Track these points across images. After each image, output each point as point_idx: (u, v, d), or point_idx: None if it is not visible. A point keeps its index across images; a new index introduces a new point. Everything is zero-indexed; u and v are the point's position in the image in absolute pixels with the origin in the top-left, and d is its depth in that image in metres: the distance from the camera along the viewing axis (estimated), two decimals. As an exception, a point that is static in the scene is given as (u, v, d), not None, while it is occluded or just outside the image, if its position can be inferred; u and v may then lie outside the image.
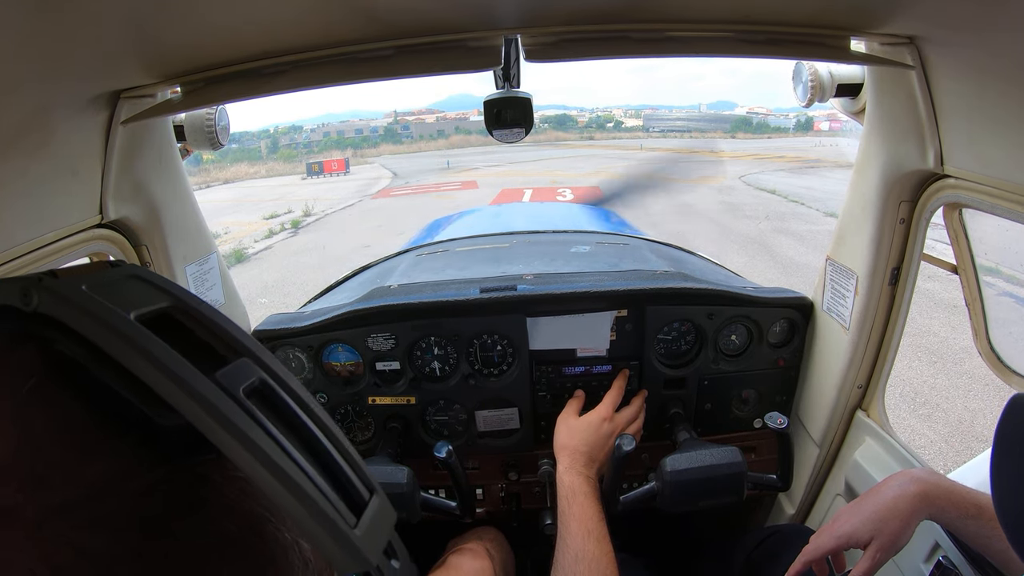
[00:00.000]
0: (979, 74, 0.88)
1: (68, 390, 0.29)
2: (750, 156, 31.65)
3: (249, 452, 0.27)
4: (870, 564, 0.93)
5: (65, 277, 0.30)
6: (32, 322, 0.29)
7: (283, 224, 15.08)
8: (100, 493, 0.27)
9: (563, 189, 18.35)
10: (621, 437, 1.23)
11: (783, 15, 0.88)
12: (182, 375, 0.27)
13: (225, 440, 0.27)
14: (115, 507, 0.27)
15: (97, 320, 0.28)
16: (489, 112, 1.07)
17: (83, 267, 0.33)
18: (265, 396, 0.31)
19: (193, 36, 0.79)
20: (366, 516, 0.30)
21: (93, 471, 0.27)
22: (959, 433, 4.25)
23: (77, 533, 0.26)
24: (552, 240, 2.14)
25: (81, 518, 0.26)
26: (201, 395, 0.27)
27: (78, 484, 0.27)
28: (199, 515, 0.29)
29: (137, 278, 0.33)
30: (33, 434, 0.27)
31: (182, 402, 0.27)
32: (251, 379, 0.30)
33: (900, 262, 1.22)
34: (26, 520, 0.25)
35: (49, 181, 0.90)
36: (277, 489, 0.27)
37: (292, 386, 0.33)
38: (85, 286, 0.30)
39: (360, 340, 1.42)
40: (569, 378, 1.47)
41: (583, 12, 0.85)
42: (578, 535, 1.08)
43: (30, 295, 0.29)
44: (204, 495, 0.30)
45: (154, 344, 0.28)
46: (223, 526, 0.29)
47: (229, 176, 33.40)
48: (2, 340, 0.29)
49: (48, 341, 0.29)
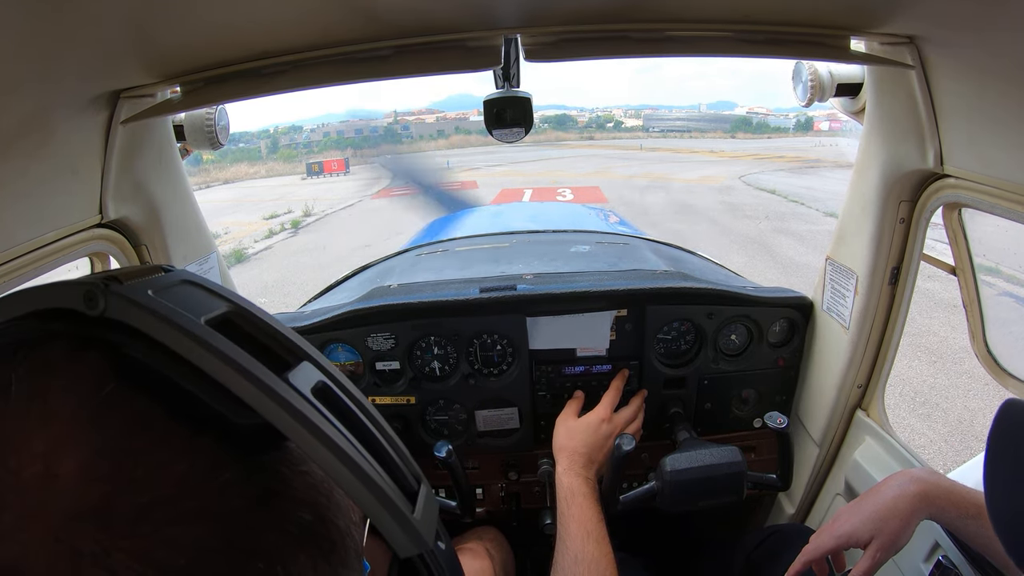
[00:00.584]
0: (979, 74, 0.88)
1: (143, 393, 0.29)
2: (750, 156, 31.66)
3: (325, 446, 0.29)
4: (870, 564, 0.93)
5: (127, 282, 0.31)
6: (96, 326, 0.30)
7: (283, 224, 15.08)
8: (187, 489, 0.28)
9: (563, 189, 18.36)
10: (621, 437, 1.23)
11: (783, 15, 0.87)
12: (260, 376, 0.29)
13: (302, 436, 0.29)
14: (202, 502, 0.28)
15: (172, 325, 0.29)
16: (489, 112, 1.07)
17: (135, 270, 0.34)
18: (328, 396, 0.32)
19: (193, 36, 0.79)
20: (419, 502, 0.33)
21: (178, 469, 0.28)
22: (959, 433, 4.25)
23: (170, 527, 0.27)
24: (552, 240, 2.14)
25: (171, 514, 0.27)
26: (278, 395, 0.29)
27: (164, 482, 0.28)
28: (276, 506, 0.31)
29: (191, 283, 0.34)
30: (113, 437, 0.28)
31: (261, 402, 0.29)
32: (315, 380, 0.32)
33: (900, 262, 1.23)
34: (120, 520, 0.26)
35: (49, 181, 0.90)
36: (348, 478, 0.30)
37: (347, 386, 0.35)
38: (151, 291, 0.31)
39: (360, 340, 1.42)
40: (569, 378, 1.47)
41: (583, 12, 0.85)
42: (577, 536, 1.08)
43: (96, 299, 0.29)
44: (278, 488, 0.31)
45: (229, 348, 0.29)
46: (298, 515, 0.31)
47: (229, 176, 33.39)
48: (67, 344, 0.30)
49: (116, 345, 0.30)
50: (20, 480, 0.26)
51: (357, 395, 0.35)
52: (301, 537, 0.31)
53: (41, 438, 0.27)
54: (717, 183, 20.30)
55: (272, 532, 0.30)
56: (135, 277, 0.32)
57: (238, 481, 0.30)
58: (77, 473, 0.26)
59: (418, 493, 0.34)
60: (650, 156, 33.35)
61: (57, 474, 0.26)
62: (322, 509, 0.32)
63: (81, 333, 0.30)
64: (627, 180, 21.84)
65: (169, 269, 0.35)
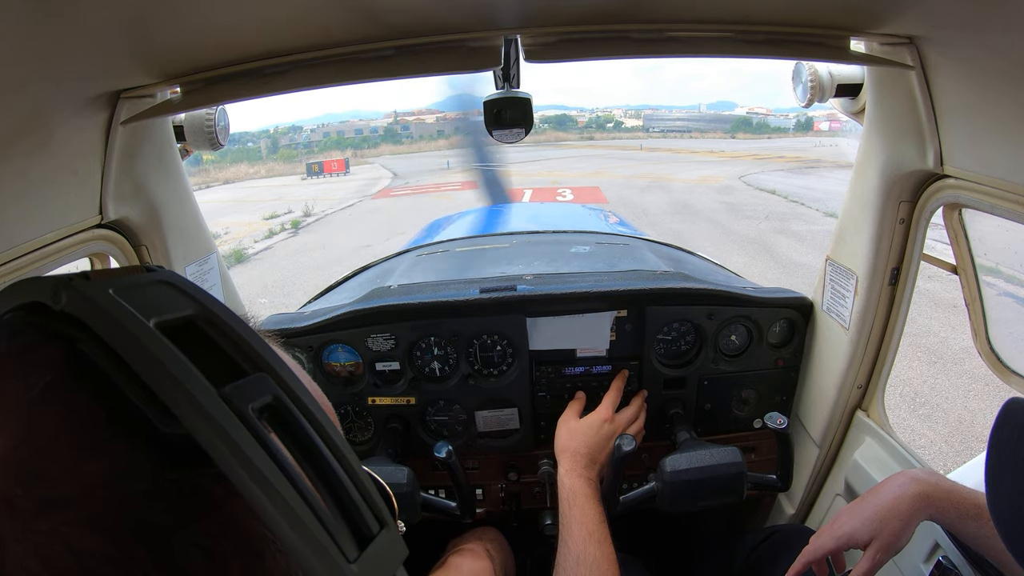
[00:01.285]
0: (979, 74, 0.88)
1: (83, 390, 0.29)
2: (750, 156, 31.65)
3: (244, 470, 0.26)
4: (870, 564, 0.93)
5: (95, 279, 0.31)
6: (59, 321, 0.30)
7: (283, 224, 15.08)
8: (97, 492, 0.27)
9: (563, 189, 18.36)
10: (621, 437, 1.23)
11: (783, 15, 0.88)
12: (187, 385, 0.27)
13: (223, 455, 0.26)
14: (110, 508, 0.27)
15: (115, 324, 0.29)
16: (489, 112, 1.07)
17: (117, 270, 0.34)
18: (279, 415, 0.30)
19: (193, 36, 0.79)
20: (370, 550, 0.29)
21: (92, 470, 0.27)
22: (959, 433, 4.25)
23: (70, 529, 0.26)
24: (552, 240, 2.14)
25: (76, 515, 0.26)
26: (203, 408, 0.27)
27: (76, 481, 0.27)
28: (196, 527, 0.29)
29: (168, 284, 0.33)
30: (39, 429, 0.28)
31: (185, 413, 0.27)
32: (264, 396, 0.30)
33: (900, 262, 1.22)
34: (22, 512, 0.26)
35: (49, 181, 0.90)
36: (270, 512, 0.26)
37: (309, 407, 0.32)
38: (112, 289, 0.30)
39: (360, 340, 1.42)
40: (569, 378, 1.47)
41: (583, 12, 0.85)
42: (579, 538, 1.08)
43: (59, 294, 0.30)
44: (204, 508, 0.29)
45: (166, 351, 0.28)
46: (219, 543, 0.29)
47: (229, 176, 33.38)
48: (30, 335, 0.30)
49: (73, 340, 0.30)
50: None
51: (320, 419, 0.32)
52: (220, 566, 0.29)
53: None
54: (717, 183, 20.29)
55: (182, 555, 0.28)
56: (110, 276, 0.32)
57: (154, 492, 0.28)
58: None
59: (373, 539, 0.30)
60: (650, 156, 33.34)
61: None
62: (259, 540, 0.30)
63: (47, 326, 0.30)
64: (627, 180, 21.84)
65: (153, 269, 0.34)
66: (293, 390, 0.31)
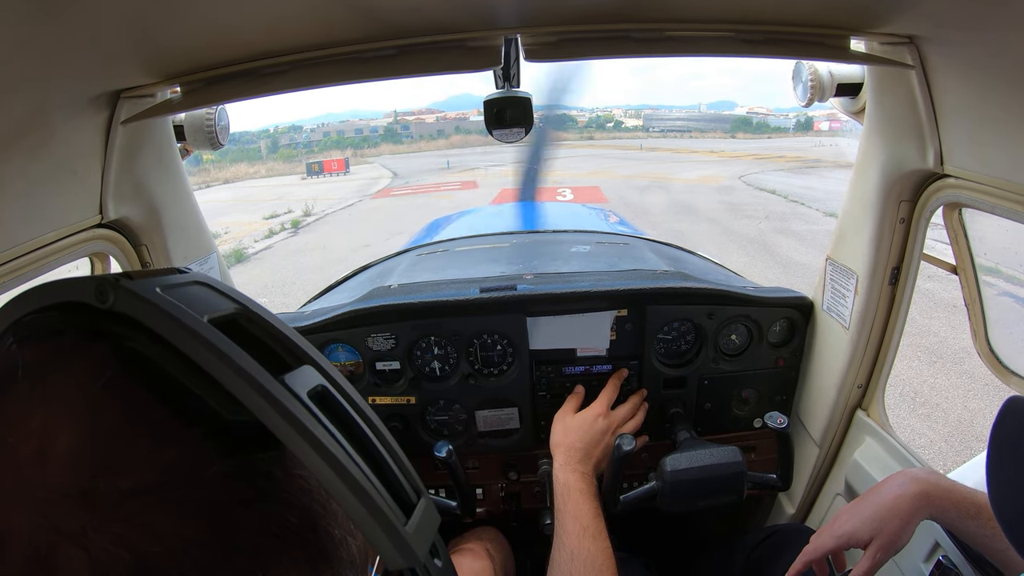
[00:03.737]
0: (979, 74, 0.88)
1: (141, 384, 0.30)
2: (750, 156, 31.64)
3: (314, 449, 0.29)
4: (870, 564, 0.93)
5: (139, 279, 0.32)
6: (105, 319, 0.31)
7: (283, 224, 15.08)
8: (171, 479, 0.29)
9: (563, 189, 18.35)
10: (621, 437, 1.23)
11: (783, 15, 0.87)
12: (255, 375, 0.29)
13: (293, 438, 0.29)
14: (185, 493, 0.29)
15: (174, 320, 0.30)
16: (489, 112, 1.07)
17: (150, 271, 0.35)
18: (326, 400, 0.33)
19: (193, 36, 0.79)
20: (415, 516, 0.32)
21: (164, 458, 0.29)
22: (959, 433, 4.26)
23: (151, 514, 0.28)
24: (552, 240, 2.14)
25: (154, 501, 0.28)
26: (271, 395, 0.29)
27: (150, 469, 0.28)
28: (263, 506, 0.31)
29: (203, 284, 0.35)
30: (107, 422, 0.29)
31: (254, 401, 0.29)
32: (314, 384, 0.32)
33: (900, 262, 1.22)
34: (103, 502, 0.27)
35: (49, 181, 0.90)
36: (338, 485, 0.29)
37: (350, 393, 0.35)
38: (159, 288, 0.31)
39: (360, 340, 1.42)
40: (569, 378, 1.47)
41: (583, 12, 0.85)
42: (573, 533, 1.08)
43: (106, 293, 0.31)
44: (267, 488, 0.31)
45: (227, 345, 0.30)
46: (285, 518, 0.31)
47: (229, 176, 33.38)
48: (75, 334, 0.31)
49: (121, 338, 0.31)
50: (16, 455, 0.27)
51: (360, 403, 0.35)
52: (286, 540, 0.31)
53: (39, 418, 0.28)
54: (717, 183, 20.29)
55: (254, 531, 0.30)
56: (148, 276, 0.33)
57: (224, 476, 0.30)
58: (67, 454, 0.27)
59: (416, 506, 0.33)
60: (650, 156, 33.33)
61: (49, 453, 0.27)
62: (314, 515, 0.32)
63: (91, 325, 0.31)
64: (627, 180, 21.83)
65: (185, 271, 0.36)
66: (335, 378, 0.34)
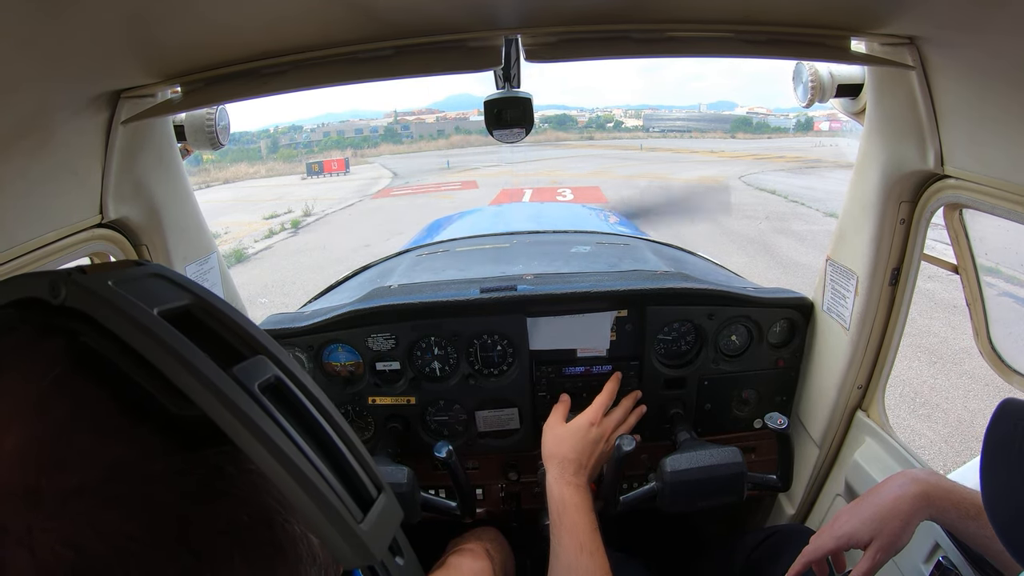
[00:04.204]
0: (979, 74, 0.88)
1: (90, 380, 0.30)
2: (750, 156, 31.64)
3: (261, 444, 0.28)
4: (870, 564, 0.93)
5: (92, 273, 0.31)
6: (58, 315, 0.30)
7: (283, 224, 15.08)
8: (117, 475, 0.28)
9: (563, 189, 18.35)
10: (621, 437, 1.23)
11: (783, 15, 0.87)
12: (200, 368, 0.29)
13: (239, 432, 0.28)
14: (132, 489, 0.28)
15: (121, 314, 0.29)
16: (489, 112, 1.07)
17: (109, 264, 0.35)
18: (280, 393, 0.32)
19: (193, 36, 0.79)
20: (372, 512, 0.31)
21: (110, 454, 0.28)
22: (959, 433, 4.25)
23: (95, 513, 0.27)
24: (552, 240, 2.14)
25: (99, 499, 0.27)
26: (217, 388, 0.28)
27: (95, 466, 0.28)
28: (214, 503, 0.30)
29: (160, 276, 0.35)
30: (54, 420, 0.28)
31: (199, 394, 0.28)
32: (267, 375, 0.32)
33: (900, 262, 1.22)
34: (48, 501, 0.27)
35: (49, 181, 0.90)
36: (287, 481, 0.28)
37: (306, 384, 0.34)
38: (111, 281, 0.31)
39: (360, 340, 1.42)
40: (569, 378, 1.47)
41: (583, 12, 0.85)
42: (570, 549, 1.06)
43: (58, 288, 0.30)
44: (219, 485, 0.31)
45: (175, 338, 0.29)
46: (236, 515, 0.31)
47: (229, 176, 33.39)
48: (29, 331, 0.31)
49: (73, 333, 0.30)
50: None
51: (317, 394, 0.34)
52: (238, 538, 0.30)
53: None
54: (717, 183, 20.29)
55: (203, 529, 0.29)
56: (105, 270, 0.33)
57: (172, 473, 0.29)
58: (14, 451, 0.27)
59: (375, 501, 0.32)
60: (650, 156, 33.34)
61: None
62: (269, 512, 0.32)
63: (45, 321, 0.31)
64: (627, 180, 21.83)
65: (143, 263, 0.35)
66: (290, 369, 0.33)
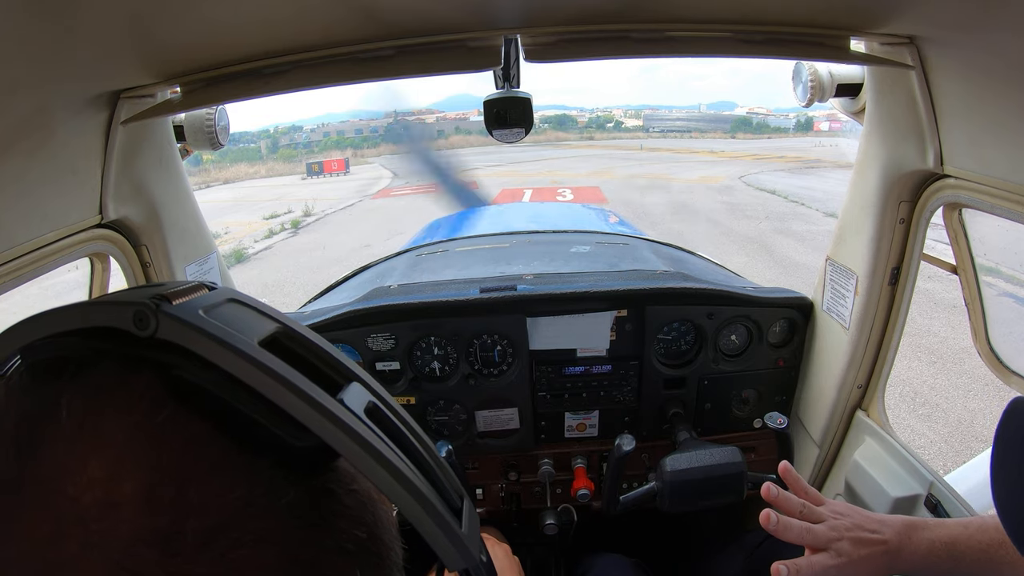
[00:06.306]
0: (979, 74, 0.88)
1: (197, 415, 0.29)
2: (750, 156, 31.64)
3: (381, 466, 0.29)
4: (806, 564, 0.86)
5: (178, 301, 0.30)
6: (145, 347, 0.29)
7: (283, 224, 15.06)
8: (249, 513, 0.28)
9: (563, 189, 18.35)
10: (621, 437, 1.23)
11: (783, 15, 0.87)
12: (317, 398, 0.29)
13: (360, 457, 0.29)
14: (264, 524, 0.28)
15: (227, 347, 0.28)
16: (489, 112, 1.07)
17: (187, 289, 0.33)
18: (377, 416, 0.33)
19: (193, 36, 0.79)
20: (464, 517, 0.33)
21: (238, 492, 0.28)
22: (959, 433, 4.25)
23: (234, 552, 0.27)
24: (552, 240, 2.14)
25: (235, 538, 0.27)
26: (336, 417, 0.29)
27: (227, 505, 0.27)
28: (335, 525, 0.31)
29: (237, 302, 0.34)
30: (174, 461, 0.27)
31: (318, 423, 0.29)
32: (366, 401, 0.32)
33: (900, 262, 1.22)
34: (189, 544, 0.26)
35: (49, 181, 0.90)
36: (404, 497, 0.30)
37: (395, 407, 0.35)
38: (202, 310, 0.30)
39: (360, 340, 1.42)
40: (569, 378, 1.47)
41: (583, 12, 0.85)
42: None
43: (147, 320, 0.29)
44: (335, 508, 0.32)
45: (285, 369, 0.29)
46: (354, 533, 0.32)
47: (229, 176, 33.34)
48: (111, 367, 0.29)
49: (165, 367, 0.29)
50: (80, 507, 0.25)
51: (403, 415, 0.36)
52: (357, 554, 0.32)
53: (98, 464, 0.26)
54: (717, 183, 20.29)
55: (332, 551, 0.30)
56: (182, 296, 0.31)
57: (298, 503, 0.30)
58: (138, 499, 0.26)
59: (462, 508, 0.34)
60: (650, 156, 33.32)
61: (118, 501, 0.26)
62: (371, 526, 0.33)
63: (130, 353, 0.29)
64: (627, 180, 21.83)
65: (212, 287, 0.35)
66: (380, 393, 0.34)
